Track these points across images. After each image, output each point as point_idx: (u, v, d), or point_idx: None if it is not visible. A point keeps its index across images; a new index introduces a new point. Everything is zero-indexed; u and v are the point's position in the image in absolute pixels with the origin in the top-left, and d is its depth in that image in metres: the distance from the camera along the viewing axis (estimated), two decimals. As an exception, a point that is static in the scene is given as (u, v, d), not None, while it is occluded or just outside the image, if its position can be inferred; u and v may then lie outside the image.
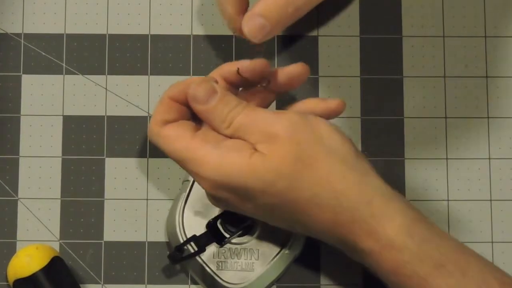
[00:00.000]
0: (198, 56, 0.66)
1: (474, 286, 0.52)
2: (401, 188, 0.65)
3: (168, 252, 0.64)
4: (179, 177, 0.65)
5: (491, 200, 0.65)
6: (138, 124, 0.66)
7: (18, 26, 0.67)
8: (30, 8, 0.67)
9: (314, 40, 0.67)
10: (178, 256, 0.61)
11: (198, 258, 0.61)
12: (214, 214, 0.61)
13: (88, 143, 0.65)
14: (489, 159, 0.66)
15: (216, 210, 0.61)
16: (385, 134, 0.66)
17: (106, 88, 0.66)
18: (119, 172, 0.65)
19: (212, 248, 0.61)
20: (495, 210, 0.65)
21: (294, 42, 0.67)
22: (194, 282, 0.64)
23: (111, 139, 0.65)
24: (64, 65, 0.66)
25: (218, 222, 0.61)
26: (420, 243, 0.52)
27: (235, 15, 0.60)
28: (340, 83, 0.66)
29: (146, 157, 0.65)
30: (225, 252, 0.62)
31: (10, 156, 0.65)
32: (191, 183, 0.63)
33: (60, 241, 0.64)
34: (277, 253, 0.62)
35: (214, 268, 0.62)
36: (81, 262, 0.64)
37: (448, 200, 0.65)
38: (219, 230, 0.61)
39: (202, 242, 0.61)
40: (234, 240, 0.62)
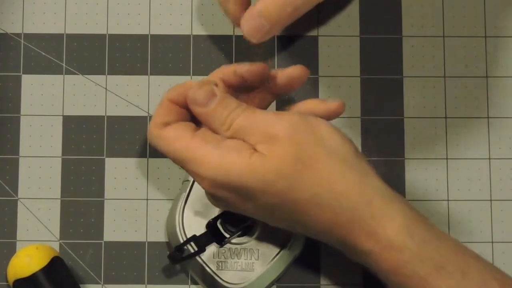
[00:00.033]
0: (198, 56, 0.66)
1: (474, 287, 0.52)
2: (401, 188, 0.65)
3: (168, 252, 0.64)
4: (179, 177, 0.65)
5: (491, 200, 0.65)
6: (138, 124, 0.66)
7: (18, 26, 0.67)
8: (30, 8, 0.67)
9: (314, 40, 0.67)
10: (178, 256, 0.61)
11: (198, 258, 0.61)
12: (214, 214, 0.61)
13: (88, 143, 0.65)
14: (489, 159, 0.66)
15: (216, 210, 0.61)
16: (385, 134, 0.66)
17: (106, 88, 0.66)
18: (119, 172, 0.65)
19: (212, 248, 0.61)
20: (495, 210, 0.65)
21: (294, 42, 0.67)
22: (194, 282, 0.64)
23: (111, 139, 0.65)
24: (64, 65, 0.66)
25: (218, 222, 0.61)
26: (420, 244, 0.52)
27: (237, 13, 0.60)
28: (340, 83, 0.66)
29: (146, 157, 0.65)
30: (225, 252, 0.62)
31: (10, 156, 0.65)
32: (191, 183, 0.63)
33: (60, 241, 0.64)
34: (277, 253, 0.62)
35: (214, 268, 0.62)
36: (81, 262, 0.64)
37: (448, 200, 0.65)
38: (219, 230, 0.61)
39: (202, 242, 0.61)
40: (234, 240, 0.61)
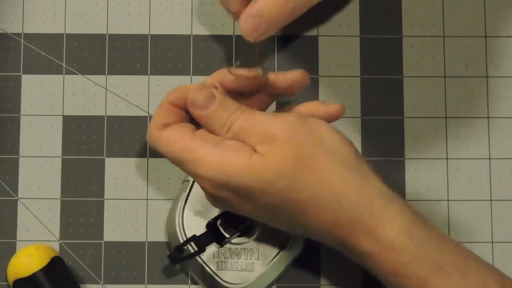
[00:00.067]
0: (198, 56, 0.66)
1: (474, 288, 0.52)
2: (401, 188, 0.65)
3: (168, 252, 0.64)
4: (179, 177, 0.65)
5: (491, 200, 0.65)
6: (138, 124, 0.66)
7: (18, 26, 0.67)
8: (30, 8, 0.67)
9: (314, 40, 0.67)
10: (178, 256, 0.61)
11: (198, 258, 0.61)
12: (214, 214, 0.61)
13: (88, 143, 0.65)
14: (489, 159, 0.66)
15: (216, 210, 0.61)
16: (385, 134, 0.66)
17: (106, 88, 0.66)
18: (119, 172, 0.65)
19: (212, 248, 0.61)
20: (495, 210, 0.65)
21: (294, 42, 0.67)
22: (194, 282, 0.64)
23: (111, 139, 0.65)
24: (64, 65, 0.66)
25: (218, 222, 0.61)
26: (419, 245, 0.52)
27: (238, 11, 0.60)
28: (340, 83, 0.66)
29: (146, 157, 0.65)
30: (225, 252, 0.62)
31: (10, 156, 0.65)
32: (191, 183, 0.63)
33: (60, 241, 0.64)
34: (277, 253, 0.62)
35: (214, 268, 0.62)
36: (81, 262, 0.64)
37: (448, 200, 0.65)
38: (219, 230, 0.61)
39: (202, 242, 0.61)
40: (234, 240, 0.61)
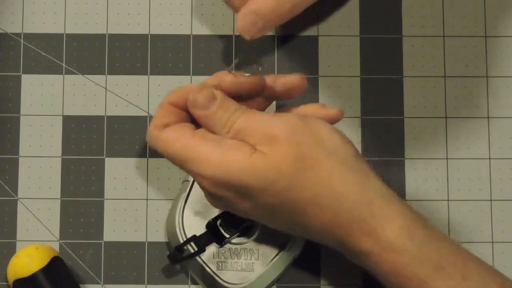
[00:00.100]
0: (198, 56, 0.66)
1: (474, 289, 0.52)
2: (401, 188, 0.65)
3: (168, 252, 0.64)
4: (179, 177, 0.65)
5: (491, 200, 0.65)
6: (138, 124, 0.66)
7: (18, 26, 0.67)
8: (30, 8, 0.67)
9: (314, 40, 0.67)
10: (178, 256, 0.61)
11: (198, 258, 0.61)
12: (214, 214, 0.61)
13: (88, 143, 0.65)
14: (489, 159, 0.66)
15: (216, 210, 0.61)
16: (385, 134, 0.66)
17: (106, 88, 0.66)
18: (119, 172, 0.65)
19: (212, 248, 0.61)
20: (495, 210, 0.65)
21: (294, 42, 0.67)
22: (194, 282, 0.64)
23: (111, 139, 0.65)
24: (64, 65, 0.66)
25: (218, 222, 0.61)
26: (420, 245, 0.52)
27: (239, 6, 0.60)
28: (340, 83, 0.66)
29: (146, 157, 0.65)
30: (225, 252, 0.62)
31: (10, 156, 0.65)
32: (191, 183, 0.63)
33: (60, 241, 0.64)
34: (277, 253, 0.62)
35: (214, 268, 0.62)
36: (81, 262, 0.64)
37: (448, 200, 0.65)
38: (219, 230, 0.61)
39: (202, 242, 0.61)
40: (234, 240, 0.61)
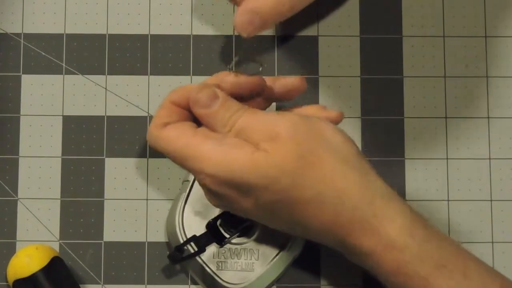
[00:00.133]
0: (198, 56, 0.66)
1: (475, 288, 0.52)
2: (401, 188, 0.65)
3: (168, 252, 0.64)
4: (179, 177, 0.65)
5: (491, 200, 0.65)
6: (138, 124, 0.66)
7: (18, 26, 0.67)
8: (30, 8, 0.67)
9: (314, 40, 0.67)
10: (178, 256, 0.61)
11: (198, 258, 0.61)
12: (214, 214, 0.61)
13: (88, 143, 0.65)
14: (489, 159, 0.66)
15: (216, 210, 0.61)
16: (385, 134, 0.66)
17: (106, 88, 0.66)
18: (119, 172, 0.65)
19: (212, 248, 0.61)
20: (495, 210, 0.65)
21: (294, 42, 0.67)
22: (194, 282, 0.64)
23: (111, 139, 0.65)
24: (64, 65, 0.66)
25: (218, 223, 0.61)
26: (421, 243, 0.52)
27: (240, 2, 0.60)
28: (340, 83, 0.66)
29: (146, 157, 0.65)
30: (225, 252, 0.62)
31: (10, 156, 0.65)
32: (191, 183, 0.63)
33: (60, 241, 0.64)
34: (277, 253, 0.62)
35: (214, 268, 0.62)
36: (81, 262, 0.64)
37: (448, 200, 0.65)
38: (219, 230, 0.61)
39: (202, 242, 0.61)
40: (234, 240, 0.61)
